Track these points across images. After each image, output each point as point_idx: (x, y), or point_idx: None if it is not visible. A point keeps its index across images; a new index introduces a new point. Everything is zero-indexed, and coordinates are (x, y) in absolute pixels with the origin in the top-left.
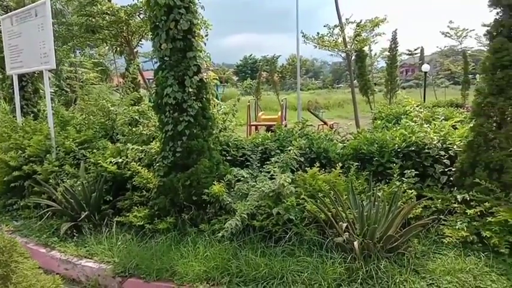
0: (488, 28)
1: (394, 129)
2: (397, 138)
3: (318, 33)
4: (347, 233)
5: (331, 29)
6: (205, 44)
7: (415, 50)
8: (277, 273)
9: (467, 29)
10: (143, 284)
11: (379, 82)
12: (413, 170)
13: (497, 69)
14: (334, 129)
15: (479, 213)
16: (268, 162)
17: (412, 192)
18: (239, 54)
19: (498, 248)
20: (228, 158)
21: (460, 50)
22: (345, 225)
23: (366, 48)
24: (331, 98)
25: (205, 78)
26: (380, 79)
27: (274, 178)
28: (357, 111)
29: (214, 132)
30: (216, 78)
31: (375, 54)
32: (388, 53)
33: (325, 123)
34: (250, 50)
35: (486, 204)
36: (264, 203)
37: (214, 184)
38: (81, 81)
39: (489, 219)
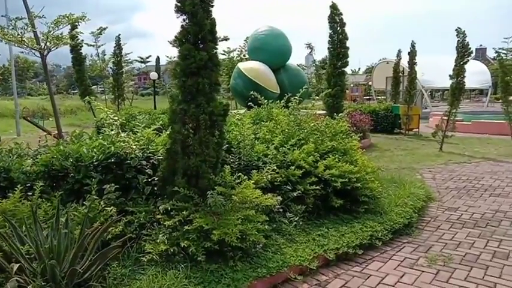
0: (177, 35)
1: (94, 139)
2: (96, 150)
3: None
4: (18, 276)
5: (13, 21)
6: None
7: (147, 57)
8: None
9: None
10: None
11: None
12: (113, 184)
13: (188, 76)
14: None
15: (179, 223)
16: None
17: (112, 209)
18: None
19: (196, 256)
20: None
21: None
22: (16, 266)
23: (92, 51)
24: (63, 104)
25: None
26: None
27: None
28: (58, 119)
29: None
30: None
31: (103, 59)
32: (113, 59)
33: (48, 132)
34: None
35: (184, 212)
36: None
37: None
38: None
39: (186, 227)
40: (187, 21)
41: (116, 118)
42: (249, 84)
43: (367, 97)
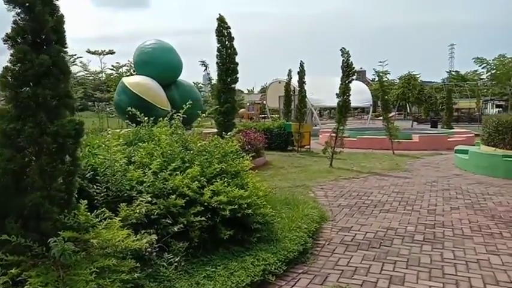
0: (9, 33)
1: None
2: None
3: None
4: None
5: None
6: None
7: None
8: None
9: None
10: None
11: None
12: None
13: (24, 86)
14: None
15: (6, 285)
16: None
17: None
18: None
19: None
20: None
21: None
22: None
23: None
24: None
25: None
26: None
27: None
28: None
29: None
30: None
31: None
32: None
33: None
34: None
35: (13, 270)
36: None
37: None
38: None
39: None
40: (22, 15)
41: None
42: (135, 100)
43: (263, 115)
